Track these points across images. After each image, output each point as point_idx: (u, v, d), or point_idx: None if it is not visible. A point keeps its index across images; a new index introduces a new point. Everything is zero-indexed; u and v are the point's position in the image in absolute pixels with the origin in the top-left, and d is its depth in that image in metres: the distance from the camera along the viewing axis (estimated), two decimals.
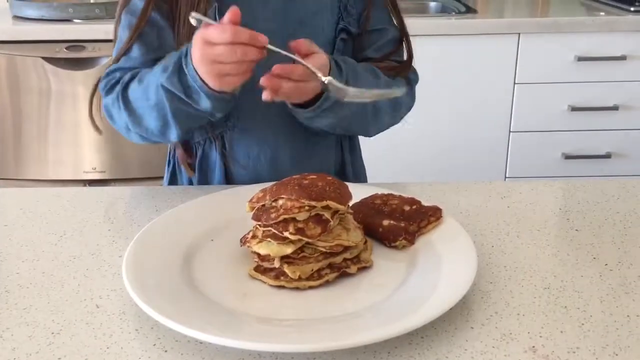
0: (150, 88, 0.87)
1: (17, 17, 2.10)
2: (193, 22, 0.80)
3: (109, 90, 0.95)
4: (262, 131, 0.98)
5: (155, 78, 0.86)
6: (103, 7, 2.03)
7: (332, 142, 1.03)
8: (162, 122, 0.89)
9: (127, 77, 0.93)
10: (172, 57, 0.85)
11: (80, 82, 2.03)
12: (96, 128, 1.01)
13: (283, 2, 0.95)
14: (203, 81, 0.81)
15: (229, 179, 1.00)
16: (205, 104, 0.84)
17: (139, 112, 0.90)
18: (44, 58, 2.00)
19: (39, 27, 2.00)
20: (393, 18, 1.02)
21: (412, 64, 1.03)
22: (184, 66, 0.82)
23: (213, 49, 0.77)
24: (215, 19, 0.88)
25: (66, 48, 1.99)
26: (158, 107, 0.87)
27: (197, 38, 0.79)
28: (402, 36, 1.02)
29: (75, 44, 1.98)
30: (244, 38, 0.76)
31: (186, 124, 0.90)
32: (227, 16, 0.76)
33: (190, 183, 1.04)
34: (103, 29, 1.95)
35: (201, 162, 1.01)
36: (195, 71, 0.80)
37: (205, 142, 1.00)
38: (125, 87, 0.92)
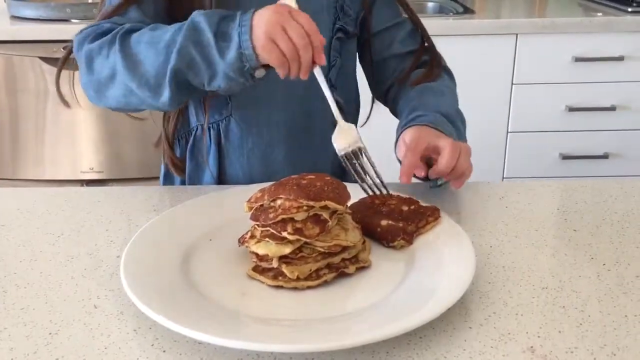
0: (167, 31, 0.80)
1: (14, 17, 2.10)
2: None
3: (95, 37, 0.88)
4: (258, 126, 0.98)
5: (182, 23, 0.80)
6: None
7: (328, 144, 1.01)
8: (164, 71, 0.80)
9: (127, 25, 0.86)
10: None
11: (78, 82, 2.02)
12: (63, 101, 0.99)
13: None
14: (249, 38, 0.75)
15: (221, 171, 1.00)
16: (230, 57, 0.76)
17: (140, 57, 0.82)
18: (41, 58, 2.00)
19: (37, 27, 2.00)
20: (403, 11, 1.04)
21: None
22: (237, 16, 0.77)
23: (291, 20, 0.75)
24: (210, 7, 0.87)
25: (63, 48, 1.98)
26: (168, 49, 0.79)
27: (281, 7, 0.77)
28: (417, 27, 1.05)
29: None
30: (316, 41, 0.76)
31: (183, 85, 0.82)
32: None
33: (184, 182, 1.04)
34: None
35: (192, 149, 1.00)
36: (250, 28, 0.76)
37: (197, 130, 0.99)
38: (128, 32, 0.84)
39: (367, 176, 0.83)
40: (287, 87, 0.94)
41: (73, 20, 2.01)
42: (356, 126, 1.06)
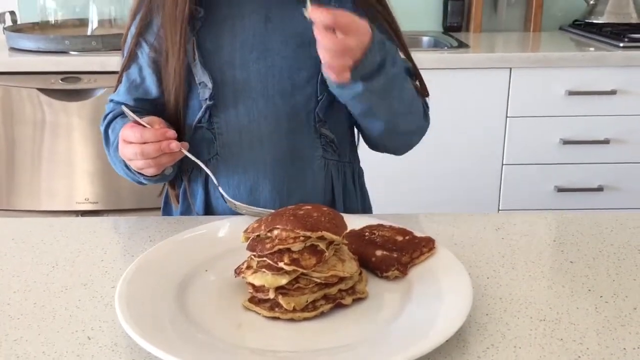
0: (116, 137, 0.95)
1: (13, 49, 2.12)
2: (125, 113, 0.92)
3: (103, 118, 1.03)
4: (243, 162, 0.97)
5: (114, 138, 0.96)
6: (99, 39, 2.05)
7: (319, 179, 1.00)
8: (125, 174, 0.98)
9: (110, 116, 1.01)
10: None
11: (75, 113, 2.04)
12: None
13: (262, 33, 0.95)
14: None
15: (208, 207, 1.01)
16: (142, 179, 0.95)
17: (114, 160, 0.99)
18: (39, 89, 2.01)
19: (35, 58, 2.01)
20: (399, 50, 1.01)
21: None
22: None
23: (127, 147, 0.88)
24: (194, 53, 0.93)
25: (62, 79, 2.00)
26: (119, 160, 0.96)
27: (120, 135, 0.91)
28: (411, 64, 1.01)
29: (70, 75, 1.99)
30: (148, 138, 0.86)
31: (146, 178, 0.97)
32: (147, 118, 0.89)
33: (182, 213, 1.04)
34: (99, 61, 1.96)
35: (185, 190, 1.02)
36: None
37: (192, 171, 1.00)
38: (107, 128, 1.01)
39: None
40: (272, 122, 0.95)
41: (72, 52, 2.03)
42: (350, 160, 1.05)
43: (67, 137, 2.06)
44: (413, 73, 1.01)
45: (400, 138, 1.01)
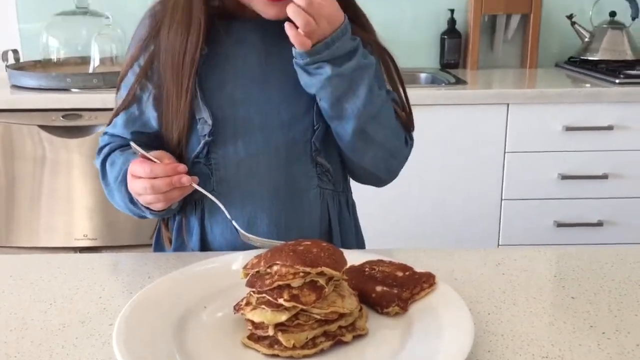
0: (120, 169, 0.97)
1: (15, 87, 2.14)
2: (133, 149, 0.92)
3: (98, 151, 1.04)
4: (240, 196, 0.97)
5: (117, 172, 0.97)
6: (101, 77, 2.07)
7: (315, 209, 1.00)
8: (127, 208, 0.98)
9: (106, 149, 1.02)
10: (125, 165, 0.95)
11: (75, 150, 2.05)
12: None
13: (262, 67, 0.96)
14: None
15: (204, 243, 1.00)
16: (147, 213, 0.96)
17: (114, 195, 0.99)
18: (40, 126, 2.02)
19: (37, 96, 2.03)
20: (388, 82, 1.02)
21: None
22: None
23: (136, 182, 0.89)
24: (195, 91, 0.94)
25: (63, 116, 2.01)
26: (121, 194, 0.97)
27: (128, 170, 0.92)
28: (403, 101, 1.03)
29: (71, 112, 2.01)
30: (159, 173, 0.87)
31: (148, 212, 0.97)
32: (154, 152, 0.90)
33: (175, 250, 1.04)
34: (100, 98, 1.98)
35: (179, 226, 1.02)
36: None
37: (187, 207, 1.00)
38: (104, 161, 1.01)
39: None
40: (270, 154, 0.96)
41: (73, 90, 2.05)
42: (343, 190, 1.05)
43: (67, 173, 2.07)
44: (399, 102, 1.02)
45: (373, 149, 0.97)
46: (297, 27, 0.85)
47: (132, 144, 0.92)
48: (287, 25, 0.86)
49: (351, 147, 0.97)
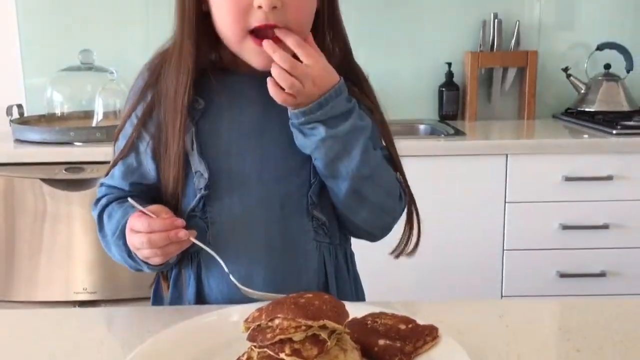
0: (117, 222, 0.97)
1: (18, 141, 2.16)
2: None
3: (95, 202, 1.04)
4: (236, 250, 0.96)
5: (115, 226, 0.97)
6: (104, 130, 2.09)
7: (311, 263, 0.99)
8: (124, 261, 0.98)
9: (104, 200, 1.02)
10: (124, 219, 0.95)
11: (76, 203, 2.05)
12: None
13: (259, 121, 0.97)
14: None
15: (201, 296, 0.99)
16: (144, 267, 0.95)
17: (111, 247, 0.99)
18: (42, 179, 2.03)
19: (40, 149, 2.05)
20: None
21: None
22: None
23: (134, 237, 0.89)
24: (192, 144, 0.94)
25: (65, 169, 2.02)
26: (119, 248, 0.97)
27: (127, 224, 0.92)
28: (394, 164, 1.02)
29: (74, 165, 2.02)
30: (156, 227, 0.87)
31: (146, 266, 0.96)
32: (152, 207, 0.91)
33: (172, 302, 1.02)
34: (103, 151, 1.99)
35: (176, 279, 1.01)
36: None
37: (183, 260, 0.99)
38: (101, 213, 1.01)
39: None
40: (266, 208, 0.96)
41: (76, 143, 2.07)
42: (340, 242, 1.04)
43: (67, 226, 2.07)
44: (393, 162, 1.02)
45: (367, 208, 0.97)
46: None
47: (130, 200, 0.92)
48: (269, 81, 0.88)
49: (345, 205, 0.97)
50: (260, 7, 0.88)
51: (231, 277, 0.91)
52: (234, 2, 0.89)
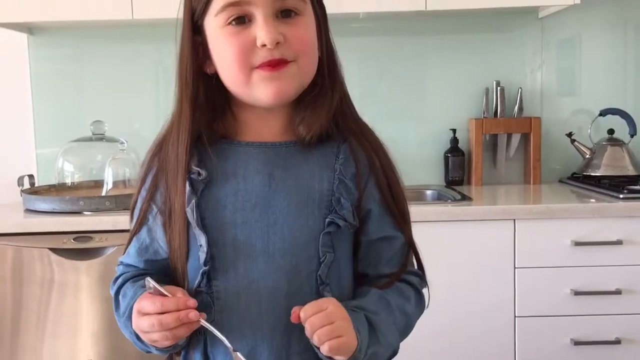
0: (127, 304, 0.96)
1: (29, 210, 2.18)
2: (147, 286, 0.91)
3: (113, 281, 1.02)
4: (241, 327, 0.93)
5: (125, 307, 0.97)
6: (113, 199, 2.11)
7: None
8: (134, 342, 0.96)
9: (120, 280, 1.01)
10: (133, 300, 0.94)
11: (84, 272, 2.04)
12: None
13: (265, 191, 0.94)
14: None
15: None
16: (152, 350, 0.93)
17: (121, 323, 0.98)
18: (50, 249, 2.03)
19: (49, 219, 2.06)
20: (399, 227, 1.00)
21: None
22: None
23: (143, 320, 0.88)
24: (193, 214, 0.92)
25: (74, 239, 2.03)
26: (128, 329, 0.96)
27: (134, 307, 0.90)
28: (410, 246, 1.02)
29: (82, 235, 2.03)
30: (169, 307, 0.86)
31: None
32: (168, 287, 0.89)
33: None
34: (111, 220, 2.01)
35: (185, 356, 0.98)
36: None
37: (192, 338, 0.96)
38: (117, 292, 1.00)
39: None
40: (272, 282, 0.93)
41: (85, 213, 2.08)
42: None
43: (74, 296, 2.05)
44: (410, 246, 1.02)
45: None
46: None
47: (148, 279, 0.90)
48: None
49: None
50: (264, 45, 0.89)
51: (238, 354, 0.88)
52: (238, 43, 0.89)
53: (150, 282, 0.90)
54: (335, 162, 0.96)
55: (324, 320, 0.85)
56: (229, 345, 0.88)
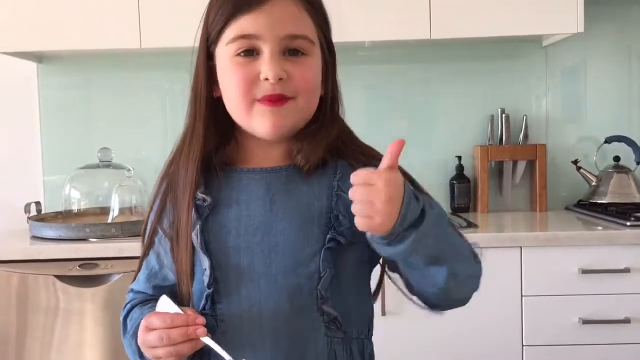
0: (133, 335, 0.97)
1: (35, 237, 2.18)
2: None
3: (123, 308, 1.04)
4: (242, 349, 0.93)
5: (131, 326, 0.99)
6: (119, 226, 2.11)
7: (322, 359, 0.96)
8: None
9: (129, 306, 1.03)
10: (140, 318, 0.95)
11: (89, 299, 2.04)
12: None
13: (267, 215, 0.96)
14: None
15: None
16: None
17: (126, 345, 1.00)
18: (56, 276, 2.03)
19: (55, 246, 2.06)
20: None
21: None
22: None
23: (151, 334, 0.89)
24: (197, 238, 0.95)
25: (79, 266, 2.03)
26: (131, 347, 0.98)
27: (142, 322, 0.92)
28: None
29: (88, 262, 2.03)
30: (179, 322, 0.87)
31: None
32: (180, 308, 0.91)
33: None
34: (117, 247, 2.01)
35: None
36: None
37: (195, 357, 0.96)
38: (125, 318, 1.02)
39: None
40: (273, 303, 0.94)
41: (91, 240, 2.09)
42: (356, 336, 1.00)
43: (79, 323, 2.05)
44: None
45: (462, 282, 1.01)
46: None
47: (165, 296, 0.93)
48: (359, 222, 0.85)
49: (444, 286, 0.97)
50: (266, 79, 0.92)
51: None
52: (243, 74, 0.93)
53: (166, 299, 0.92)
54: (334, 179, 0.98)
55: (363, 196, 0.83)
56: (227, 357, 0.89)
